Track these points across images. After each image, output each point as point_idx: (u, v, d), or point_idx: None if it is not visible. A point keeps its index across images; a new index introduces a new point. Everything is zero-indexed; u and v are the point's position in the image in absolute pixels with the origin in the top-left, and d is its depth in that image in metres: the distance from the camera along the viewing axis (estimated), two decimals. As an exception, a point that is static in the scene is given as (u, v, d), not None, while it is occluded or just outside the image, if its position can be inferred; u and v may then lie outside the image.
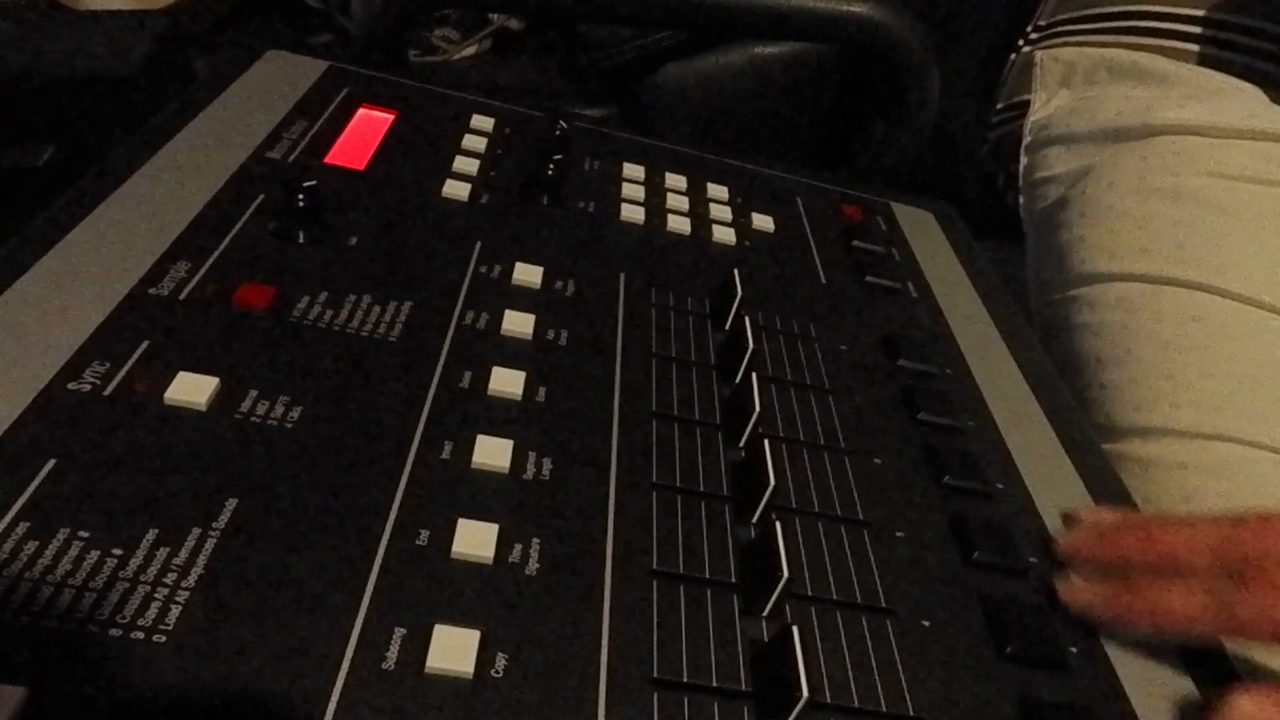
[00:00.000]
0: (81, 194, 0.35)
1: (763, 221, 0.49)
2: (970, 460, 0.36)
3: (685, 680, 0.25)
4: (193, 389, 0.28)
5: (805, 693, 0.24)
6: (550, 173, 0.44)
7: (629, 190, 0.48)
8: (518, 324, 0.35)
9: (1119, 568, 0.32)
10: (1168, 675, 0.31)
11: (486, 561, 0.27)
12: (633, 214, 0.46)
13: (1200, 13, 0.64)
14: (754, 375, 0.34)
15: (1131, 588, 0.31)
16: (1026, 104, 0.72)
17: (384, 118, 0.46)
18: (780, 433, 0.35)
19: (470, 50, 0.95)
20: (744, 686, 0.26)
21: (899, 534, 0.33)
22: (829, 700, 0.26)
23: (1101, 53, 0.68)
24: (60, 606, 0.22)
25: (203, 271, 0.33)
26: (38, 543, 0.23)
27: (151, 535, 0.24)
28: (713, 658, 0.26)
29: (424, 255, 0.38)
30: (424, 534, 0.27)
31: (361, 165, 0.42)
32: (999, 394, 0.41)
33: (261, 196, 0.37)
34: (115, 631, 0.22)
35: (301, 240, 0.36)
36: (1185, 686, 0.30)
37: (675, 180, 0.50)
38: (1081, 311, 0.58)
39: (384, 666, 0.23)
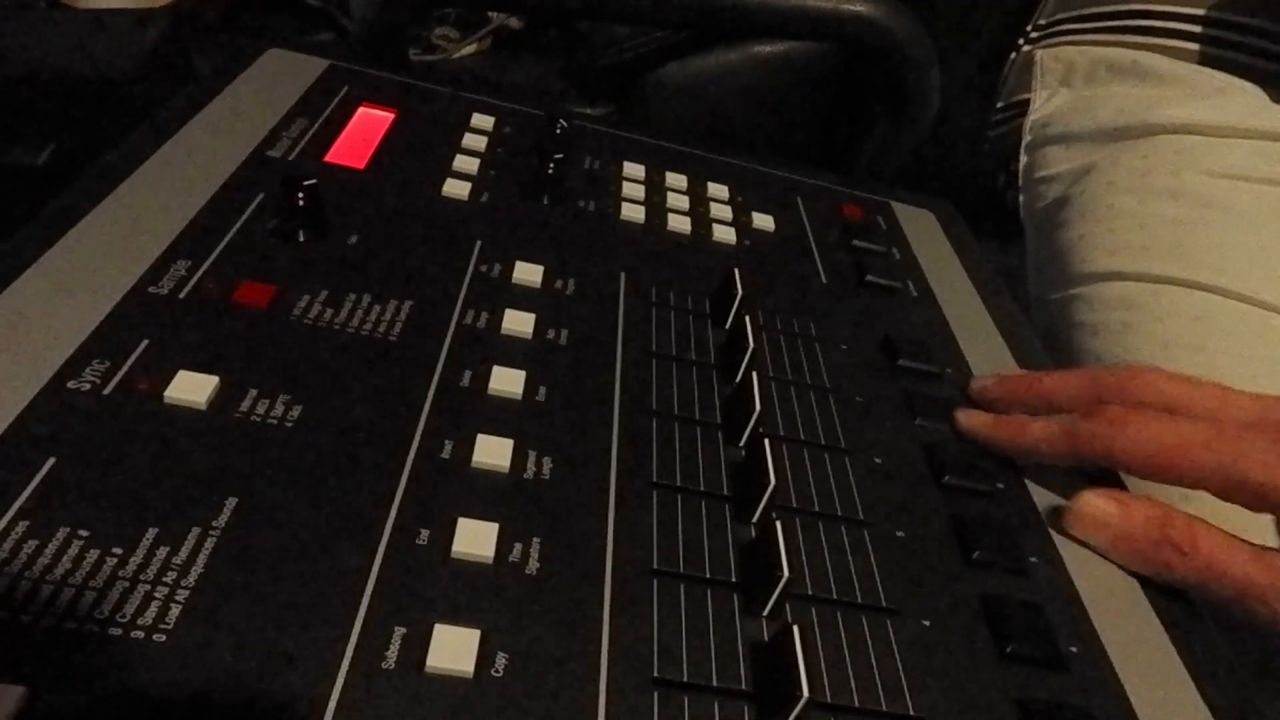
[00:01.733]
0: (81, 192, 0.35)
1: (763, 221, 0.49)
2: (970, 460, 0.36)
3: (685, 680, 0.25)
4: (193, 388, 0.28)
5: (805, 692, 0.24)
6: (550, 172, 0.44)
7: (629, 189, 0.47)
8: (518, 323, 0.35)
9: (1009, 406, 0.38)
10: (1168, 675, 0.31)
11: (486, 561, 0.27)
12: (633, 213, 0.46)
13: (1200, 12, 0.64)
14: (754, 375, 0.34)
15: (1005, 419, 0.37)
16: (1026, 103, 0.72)
17: (384, 116, 0.46)
18: (780, 432, 0.35)
19: (470, 49, 0.95)
20: (744, 686, 0.26)
21: (899, 534, 0.33)
22: (829, 700, 0.26)
23: (1102, 52, 0.68)
24: (60, 606, 0.22)
25: (203, 270, 0.33)
26: (37, 541, 0.23)
27: (151, 534, 0.24)
28: (713, 657, 0.26)
29: (424, 254, 0.38)
30: (424, 533, 0.27)
31: (362, 164, 0.42)
32: (999, 393, 0.41)
33: (261, 195, 0.37)
34: (115, 631, 0.22)
35: (301, 239, 0.36)
36: (1185, 686, 0.30)
37: (675, 179, 0.50)
38: (1081, 311, 0.58)
39: (384, 666, 0.23)
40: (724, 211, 0.49)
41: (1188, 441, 0.32)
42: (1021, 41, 0.75)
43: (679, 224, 0.46)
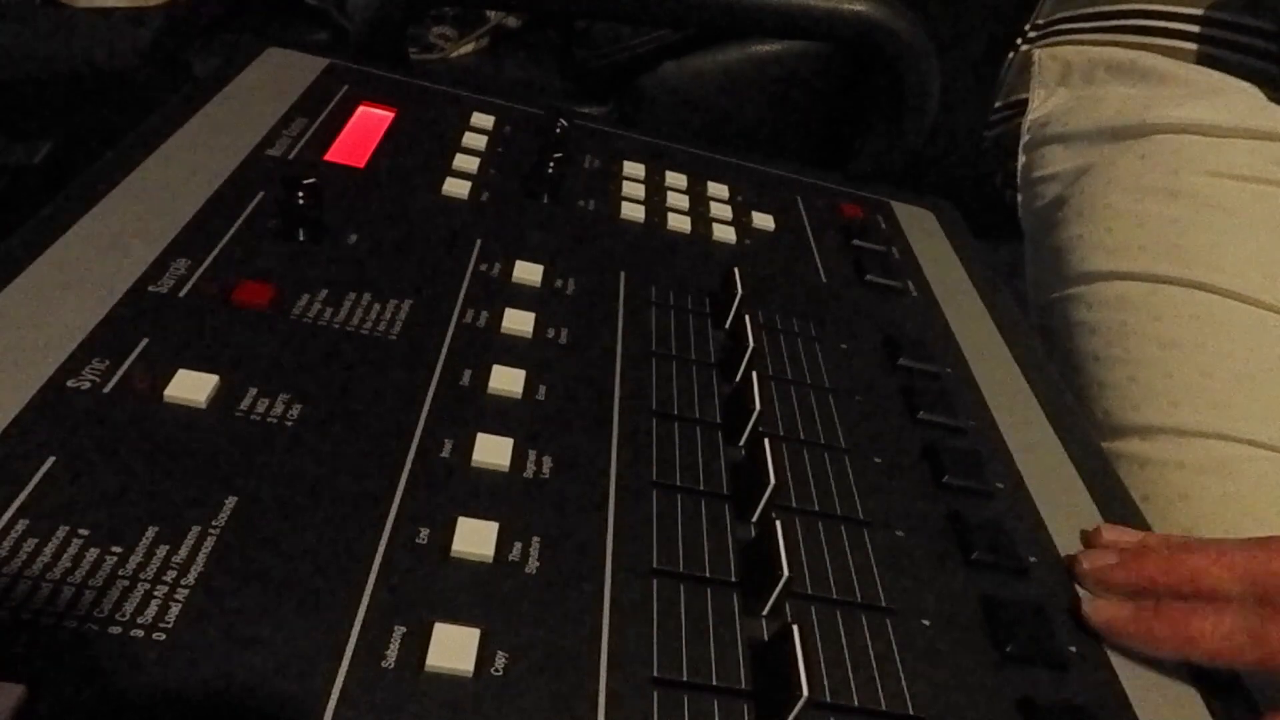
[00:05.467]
0: (80, 191, 0.35)
1: (763, 220, 0.49)
2: (970, 460, 0.36)
3: (685, 679, 0.25)
4: (192, 387, 0.28)
5: (805, 692, 0.24)
6: (550, 171, 0.44)
7: (629, 188, 0.47)
8: (518, 322, 0.35)
9: (1144, 590, 0.31)
10: (1168, 675, 0.31)
11: (486, 560, 0.27)
12: (633, 212, 0.46)
13: (1199, 11, 0.65)
14: (754, 374, 0.34)
15: (1160, 611, 0.30)
16: (1025, 102, 0.72)
17: (384, 115, 0.46)
18: (780, 432, 0.35)
19: (468, 48, 0.95)
20: (744, 685, 0.26)
21: (899, 533, 0.33)
22: (829, 699, 0.26)
23: (1100, 51, 0.68)
24: (59, 604, 0.22)
25: (202, 269, 0.33)
26: (37, 540, 0.23)
27: (151, 533, 0.24)
28: (713, 657, 0.26)
29: (424, 253, 0.38)
30: (424, 532, 0.27)
31: (361, 163, 0.42)
32: (999, 394, 0.41)
33: (261, 194, 0.37)
34: (114, 629, 0.22)
35: (301, 238, 0.36)
36: (1185, 687, 0.30)
37: (675, 179, 0.50)
38: (1080, 310, 0.58)
39: (384, 665, 0.23)
40: (724, 211, 0.49)
41: None
42: (1020, 41, 0.75)
43: (679, 223, 0.46)
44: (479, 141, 0.47)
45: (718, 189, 0.50)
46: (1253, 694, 0.31)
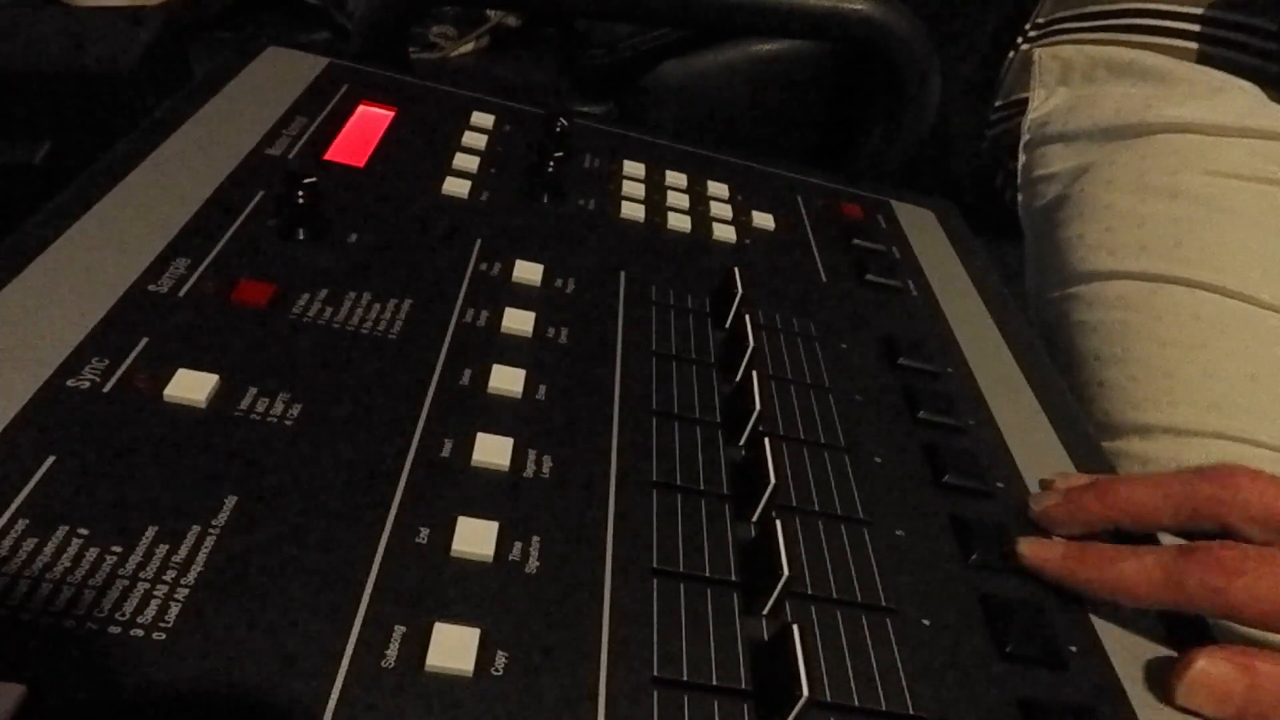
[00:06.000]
0: (80, 190, 0.35)
1: (763, 220, 0.49)
2: (970, 460, 0.36)
3: (685, 679, 0.25)
4: (192, 386, 0.28)
5: (805, 691, 0.24)
6: (550, 170, 0.44)
7: (629, 188, 0.47)
8: (518, 322, 0.35)
9: (1086, 525, 0.33)
10: (1168, 675, 0.31)
11: (486, 559, 0.27)
12: (633, 211, 0.46)
13: (1199, 11, 0.65)
14: (754, 374, 0.34)
15: (1086, 552, 0.31)
16: (1025, 102, 0.72)
17: (384, 115, 0.46)
18: (780, 431, 0.35)
19: (468, 47, 0.95)
20: (744, 685, 0.26)
21: (899, 533, 0.33)
22: (829, 699, 0.26)
23: (1100, 50, 0.68)
24: (59, 604, 0.22)
25: (202, 268, 0.33)
26: (37, 540, 0.23)
27: (151, 533, 0.24)
28: (713, 656, 0.26)
29: (424, 252, 0.38)
30: (424, 532, 0.27)
31: (361, 162, 0.42)
32: (999, 394, 0.41)
33: (261, 193, 0.37)
34: (114, 629, 0.22)
35: (301, 237, 0.36)
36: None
37: (675, 178, 0.50)
38: (1080, 309, 0.58)
39: (384, 664, 0.23)
40: (724, 210, 0.49)
41: None
42: (1020, 40, 0.75)
43: (679, 223, 0.46)
44: (479, 141, 0.47)
45: (718, 189, 0.50)
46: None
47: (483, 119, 0.49)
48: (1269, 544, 0.30)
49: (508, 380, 0.33)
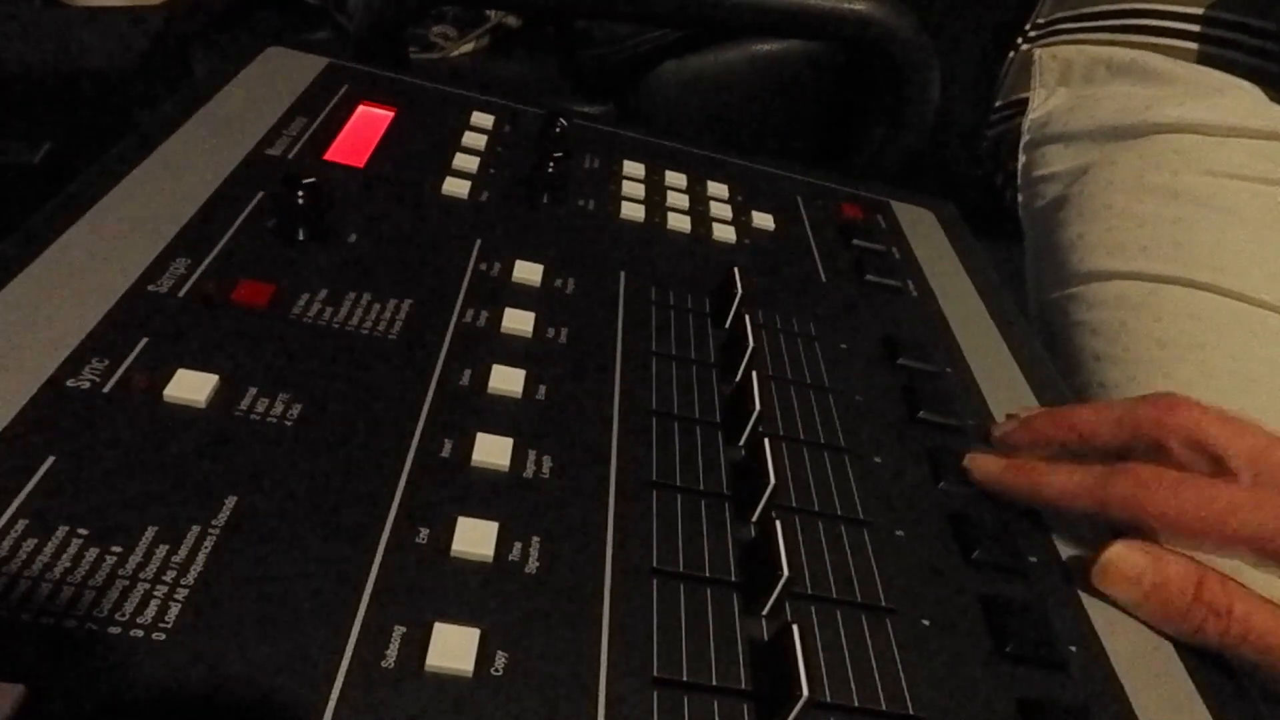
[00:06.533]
0: (80, 190, 0.35)
1: (763, 220, 0.49)
2: (970, 459, 0.36)
3: (685, 679, 0.25)
4: (192, 386, 0.28)
5: (805, 692, 0.24)
6: (550, 170, 0.44)
7: (629, 188, 0.47)
8: (518, 322, 0.35)
9: (1039, 448, 0.35)
10: (1168, 675, 0.31)
11: (486, 560, 0.27)
12: (633, 212, 0.46)
13: (1199, 11, 0.65)
14: (754, 374, 0.34)
15: (1024, 465, 0.34)
16: (1025, 102, 0.72)
17: (384, 115, 0.46)
18: (780, 431, 0.35)
19: (468, 47, 0.95)
20: (744, 685, 0.26)
21: (899, 533, 0.33)
22: (829, 699, 0.26)
23: (1100, 50, 0.68)
24: (59, 604, 0.22)
25: (202, 269, 0.33)
26: (36, 540, 0.23)
27: (151, 533, 0.24)
28: (713, 656, 0.26)
29: (424, 253, 0.38)
30: (424, 532, 0.27)
31: (361, 162, 0.42)
32: (999, 394, 0.41)
33: (261, 194, 0.37)
34: (114, 629, 0.22)
35: (301, 238, 0.36)
36: (1185, 687, 0.30)
37: (675, 178, 0.50)
38: (1080, 310, 0.58)
39: (384, 665, 0.23)
40: (724, 210, 0.49)
41: (1224, 508, 0.30)
42: (1020, 40, 0.75)
43: (679, 223, 0.46)
44: (479, 141, 0.47)
45: (718, 189, 0.50)
46: (1253, 694, 0.31)
47: (483, 119, 0.49)
48: (1193, 468, 0.32)
49: (508, 380, 0.33)
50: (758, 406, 0.33)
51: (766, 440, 0.31)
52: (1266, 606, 0.30)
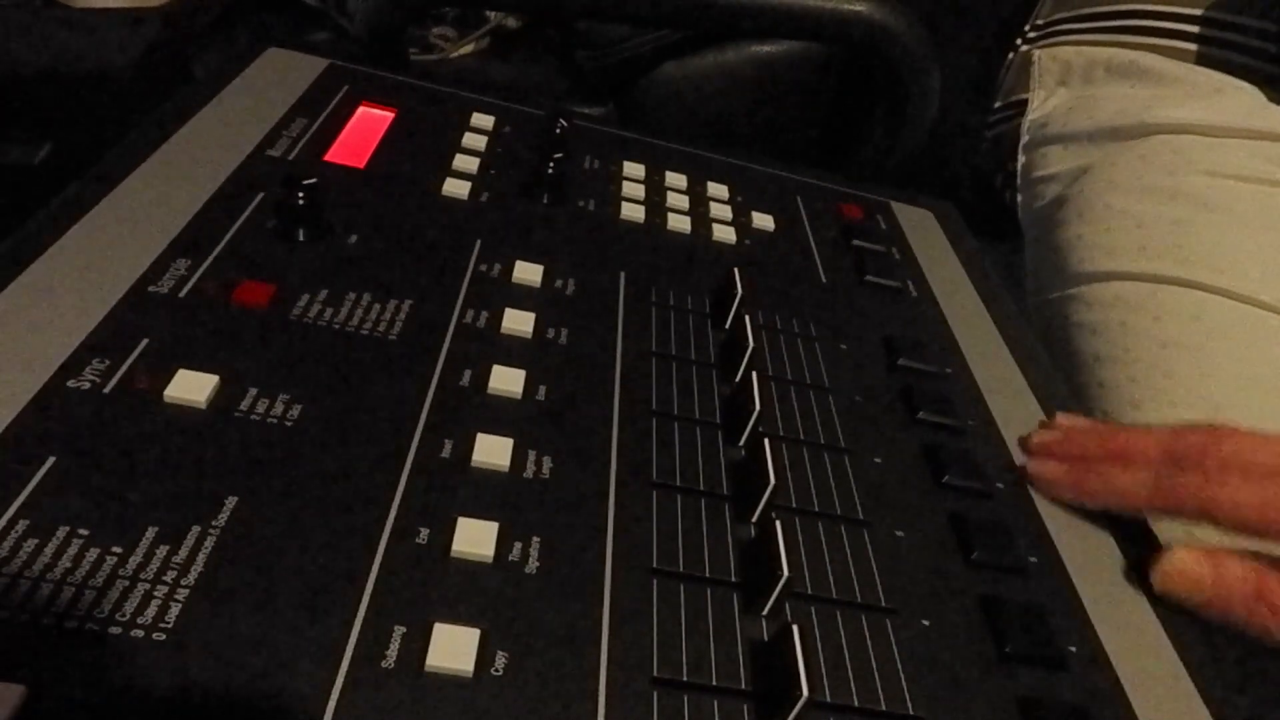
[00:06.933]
0: (81, 191, 0.35)
1: (763, 220, 0.49)
2: (970, 460, 0.36)
3: (685, 679, 0.25)
4: (192, 387, 0.28)
5: (805, 692, 0.24)
6: (550, 171, 0.44)
7: (629, 189, 0.47)
8: (518, 322, 0.35)
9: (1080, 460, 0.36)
10: (1168, 675, 0.31)
11: (486, 560, 0.27)
12: (633, 212, 0.46)
13: (1198, 12, 0.65)
14: (754, 374, 0.34)
15: (1089, 468, 0.36)
16: (1024, 103, 0.72)
17: (384, 116, 0.46)
18: (780, 432, 0.35)
19: (468, 48, 0.95)
20: (744, 685, 0.26)
21: (899, 533, 0.33)
22: (829, 699, 0.26)
23: (1099, 52, 0.68)
24: (59, 604, 0.22)
25: (203, 269, 0.33)
26: (37, 540, 0.23)
27: (151, 533, 0.24)
28: (713, 657, 0.26)
29: (424, 253, 0.38)
30: (424, 532, 0.27)
31: (361, 163, 0.42)
32: (999, 394, 0.41)
33: (261, 194, 0.37)
34: (115, 630, 0.22)
35: (301, 238, 0.36)
36: (1185, 687, 0.30)
37: (675, 179, 0.50)
38: (1080, 310, 0.58)
39: (384, 665, 0.23)
40: (724, 211, 0.49)
41: None
42: (1019, 41, 0.75)
43: (679, 223, 0.46)
44: (479, 141, 0.47)
45: (718, 189, 0.50)
46: (1253, 696, 0.31)
47: (483, 120, 0.49)
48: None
49: (508, 380, 0.33)
50: (758, 406, 0.33)
51: (766, 440, 0.31)
52: None
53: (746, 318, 0.37)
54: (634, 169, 0.49)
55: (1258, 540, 0.32)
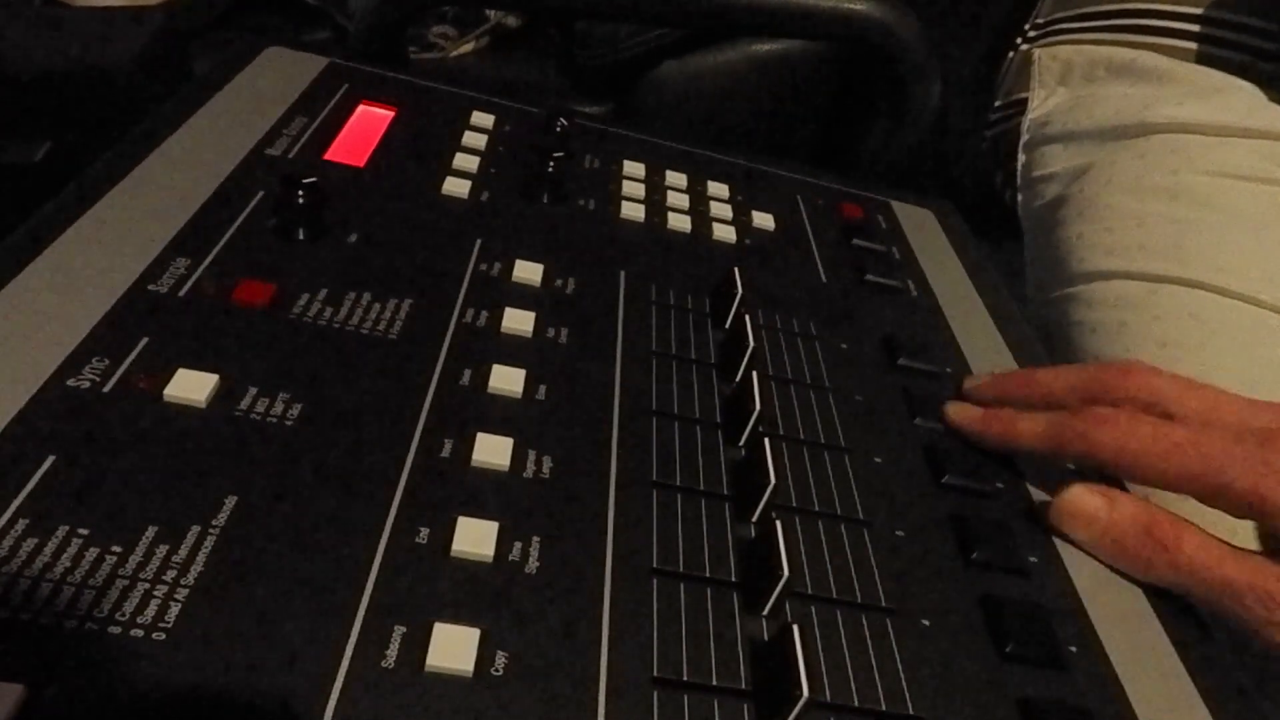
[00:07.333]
0: (80, 190, 0.35)
1: (763, 219, 0.49)
2: (970, 460, 0.36)
3: (685, 679, 0.25)
4: (192, 386, 0.28)
5: (805, 691, 0.24)
6: (550, 170, 0.44)
7: (629, 188, 0.47)
8: (518, 322, 0.35)
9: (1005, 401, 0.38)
10: (1168, 675, 0.31)
11: (486, 560, 0.27)
12: (633, 211, 0.46)
13: (1198, 11, 0.65)
14: (754, 374, 0.34)
15: (997, 413, 0.38)
16: (1024, 102, 0.72)
17: (384, 114, 0.46)
18: (780, 431, 0.35)
19: (468, 47, 0.95)
20: (744, 685, 0.26)
21: (899, 533, 0.33)
22: (829, 699, 0.26)
23: (1099, 50, 0.68)
24: (59, 604, 0.22)
25: (202, 268, 0.33)
26: (36, 540, 0.23)
27: (151, 533, 0.24)
28: (713, 657, 0.26)
29: (424, 252, 0.38)
30: (424, 532, 0.27)
31: (361, 162, 0.42)
32: (998, 393, 0.41)
33: (261, 193, 0.37)
34: (114, 629, 0.22)
35: (301, 237, 0.36)
36: (1185, 687, 0.30)
37: (675, 178, 0.50)
38: (1079, 309, 0.58)
39: (384, 665, 0.23)
40: (724, 210, 0.49)
41: (1172, 445, 0.32)
42: (1019, 40, 0.75)
43: (679, 223, 0.46)
44: (479, 141, 0.47)
45: (718, 189, 0.50)
46: (1256, 698, 0.31)
47: (483, 119, 0.49)
48: None
49: (508, 380, 0.33)
50: (758, 406, 0.33)
51: (766, 440, 0.31)
52: (1216, 545, 0.32)
53: (746, 317, 0.37)
54: (634, 168, 0.49)
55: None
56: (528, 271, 0.38)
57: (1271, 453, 0.31)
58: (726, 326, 0.39)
